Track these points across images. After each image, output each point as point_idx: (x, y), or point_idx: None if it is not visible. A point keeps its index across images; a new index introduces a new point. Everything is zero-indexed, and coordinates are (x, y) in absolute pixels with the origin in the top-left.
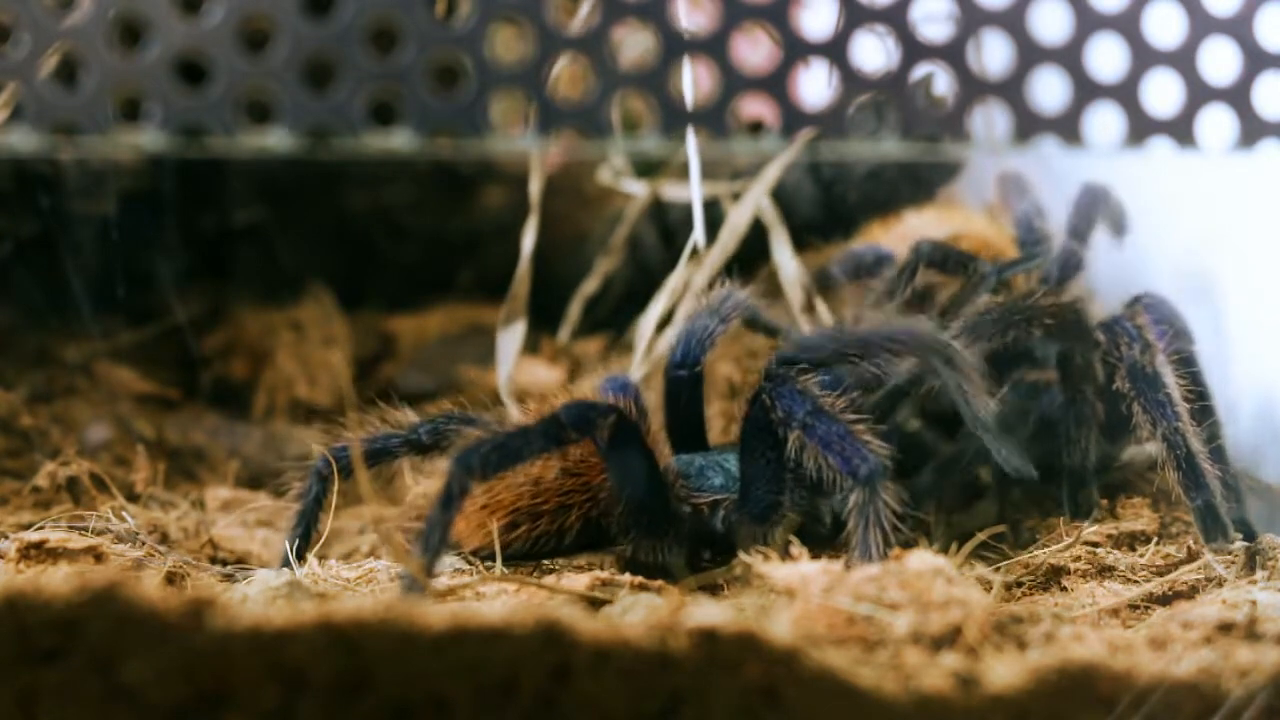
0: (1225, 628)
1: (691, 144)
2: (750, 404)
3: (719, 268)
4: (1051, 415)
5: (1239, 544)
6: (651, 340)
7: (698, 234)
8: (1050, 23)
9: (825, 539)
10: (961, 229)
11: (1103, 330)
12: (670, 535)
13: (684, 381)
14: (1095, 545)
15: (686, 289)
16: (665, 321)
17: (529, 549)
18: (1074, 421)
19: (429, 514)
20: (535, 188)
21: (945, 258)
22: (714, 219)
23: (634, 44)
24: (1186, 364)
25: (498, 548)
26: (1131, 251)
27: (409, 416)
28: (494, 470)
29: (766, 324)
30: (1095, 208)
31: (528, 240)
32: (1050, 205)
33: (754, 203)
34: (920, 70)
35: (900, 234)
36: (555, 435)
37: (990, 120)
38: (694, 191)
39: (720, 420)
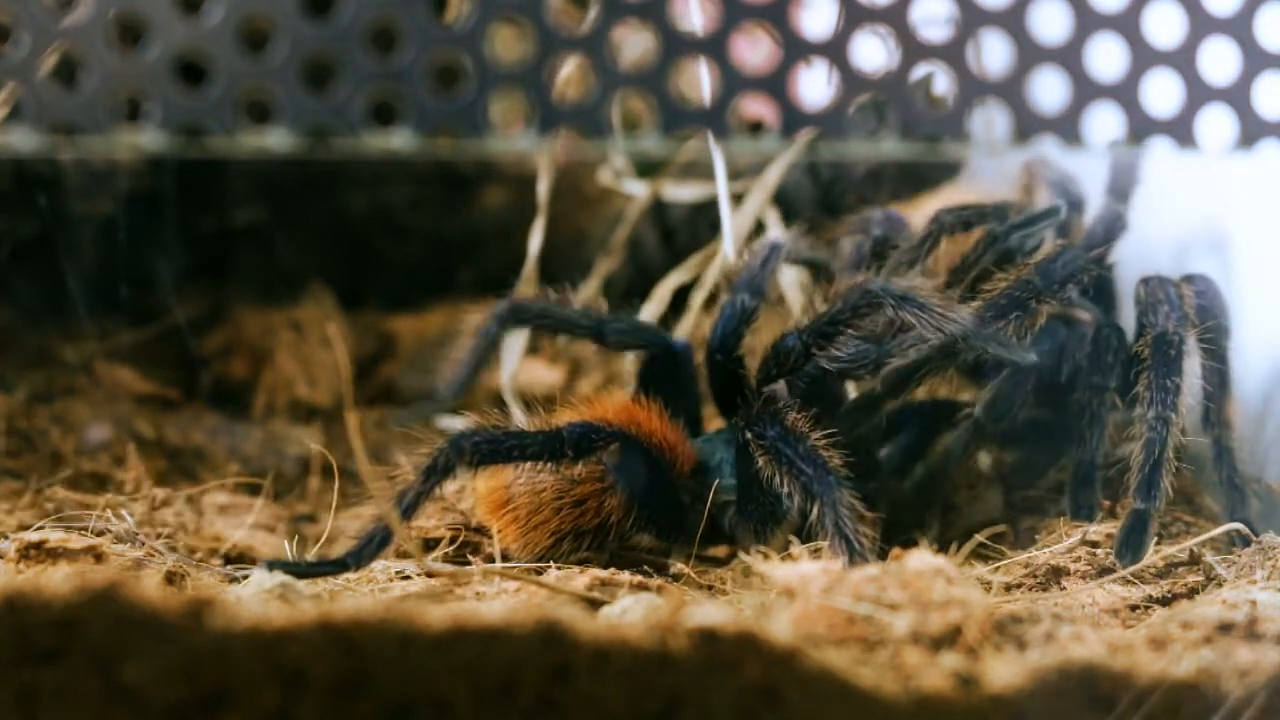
0: (1225, 628)
1: (715, 149)
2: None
3: (721, 275)
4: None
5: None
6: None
7: (726, 243)
8: (1050, 23)
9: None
10: None
11: (1144, 285)
12: (682, 534)
13: (722, 365)
14: (1095, 545)
15: (689, 287)
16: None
17: (566, 560)
18: (1088, 420)
19: (411, 480)
20: (543, 188)
21: (967, 221)
22: (713, 220)
23: (634, 44)
24: (1219, 359)
25: (497, 549)
26: (1131, 251)
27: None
28: (483, 462)
29: (811, 259)
30: (1135, 168)
31: (534, 240)
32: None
33: (757, 206)
34: (920, 70)
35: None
36: (554, 450)
37: (990, 120)
38: (720, 194)
39: None
